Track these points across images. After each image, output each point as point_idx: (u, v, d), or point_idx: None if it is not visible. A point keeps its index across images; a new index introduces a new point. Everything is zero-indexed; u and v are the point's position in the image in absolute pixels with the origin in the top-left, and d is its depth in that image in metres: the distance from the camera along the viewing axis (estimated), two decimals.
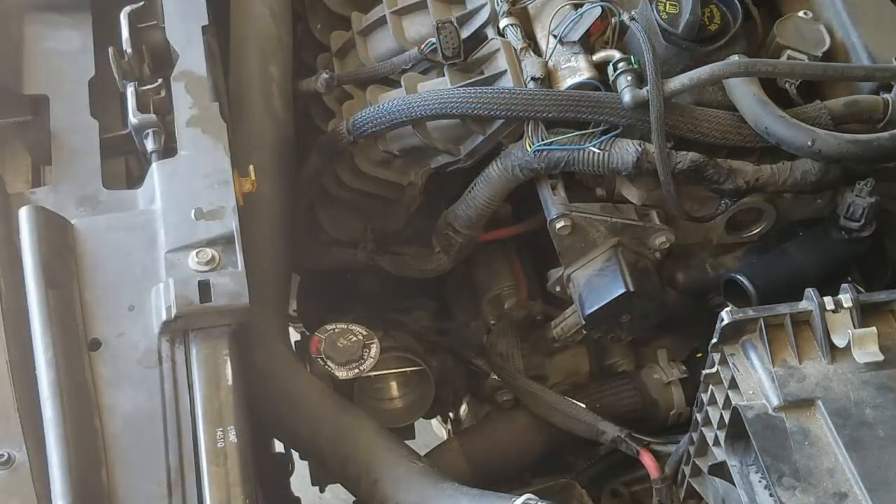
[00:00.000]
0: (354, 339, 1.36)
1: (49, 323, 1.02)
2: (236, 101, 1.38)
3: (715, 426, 1.05)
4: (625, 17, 1.20)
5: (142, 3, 1.31)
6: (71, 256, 1.09)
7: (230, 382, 1.04)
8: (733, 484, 1.04)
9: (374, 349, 1.36)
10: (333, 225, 1.47)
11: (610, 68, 1.18)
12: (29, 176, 1.29)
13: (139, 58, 1.28)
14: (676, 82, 1.14)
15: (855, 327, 0.98)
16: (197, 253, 1.07)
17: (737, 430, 1.00)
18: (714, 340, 1.01)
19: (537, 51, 1.25)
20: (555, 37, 1.23)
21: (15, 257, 1.08)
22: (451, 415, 1.62)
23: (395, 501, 1.17)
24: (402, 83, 1.30)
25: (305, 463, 1.42)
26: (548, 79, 1.22)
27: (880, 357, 0.97)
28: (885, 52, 1.21)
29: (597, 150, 1.17)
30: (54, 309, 1.03)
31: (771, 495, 0.92)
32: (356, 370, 1.35)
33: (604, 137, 1.18)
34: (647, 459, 1.24)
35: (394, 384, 1.48)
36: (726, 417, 1.01)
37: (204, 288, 1.04)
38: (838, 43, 1.24)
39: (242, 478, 0.99)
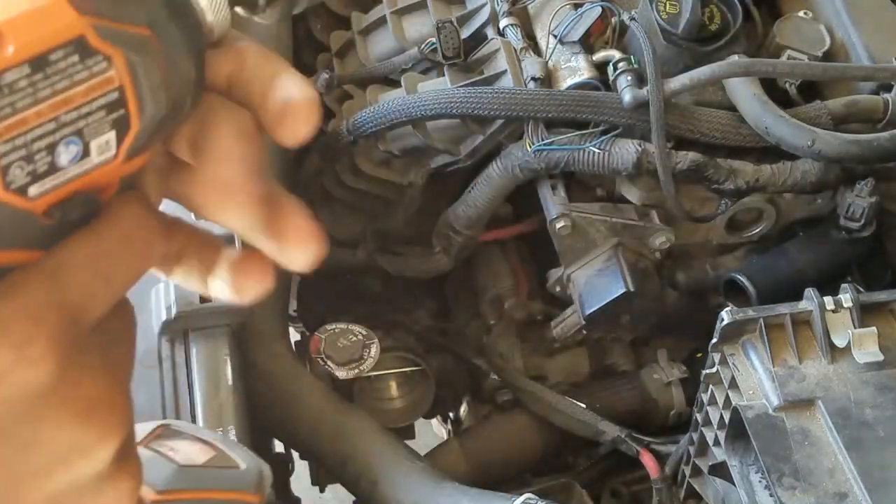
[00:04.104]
0: (354, 339, 1.36)
1: None
2: None
3: (715, 426, 1.05)
4: (625, 17, 1.20)
5: None
6: None
7: (230, 382, 1.05)
8: (733, 484, 1.04)
9: (374, 349, 1.36)
10: (333, 225, 1.47)
11: (610, 68, 1.18)
12: None
13: None
14: (676, 82, 1.14)
15: (855, 327, 0.98)
16: None
17: (737, 430, 1.00)
18: (714, 340, 1.01)
19: (537, 51, 1.25)
20: (555, 37, 1.23)
21: None
22: (451, 415, 1.62)
23: (395, 501, 1.17)
24: (402, 83, 1.30)
25: (305, 463, 1.42)
26: (548, 79, 1.22)
27: (880, 357, 0.97)
28: (885, 52, 1.21)
29: (597, 150, 1.17)
30: None
31: (771, 495, 0.92)
32: (356, 370, 1.35)
33: (604, 137, 1.18)
34: (647, 459, 1.24)
35: (394, 384, 1.48)
36: (726, 417, 1.01)
37: None
38: (838, 43, 1.24)
39: None
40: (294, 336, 1.52)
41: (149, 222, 0.40)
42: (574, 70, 1.21)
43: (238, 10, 0.41)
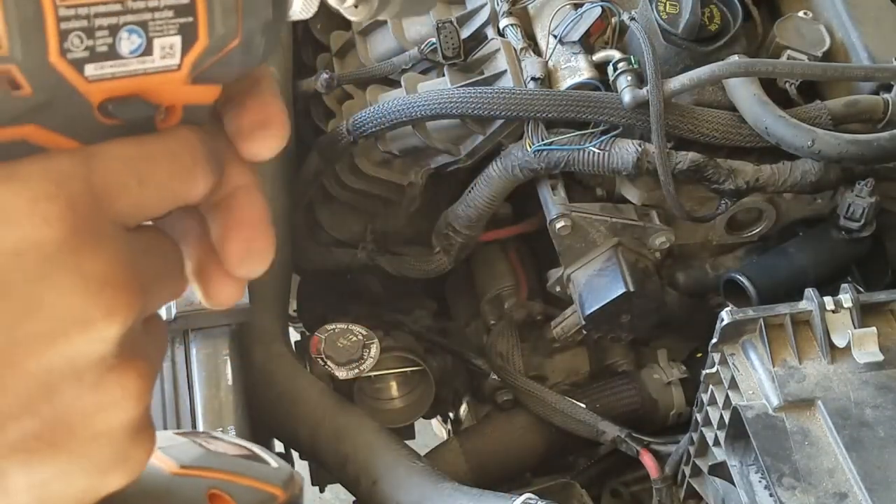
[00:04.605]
0: (354, 339, 1.36)
1: None
2: None
3: (715, 426, 1.05)
4: (625, 17, 1.20)
5: None
6: None
7: (230, 382, 1.05)
8: (733, 484, 1.04)
9: (374, 349, 1.36)
10: (333, 225, 1.47)
11: (610, 68, 1.18)
12: None
13: None
14: (676, 82, 1.14)
15: (855, 327, 0.98)
16: None
17: (737, 430, 1.00)
18: (714, 340, 1.01)
19: (537, 51, 1.25)
20: (555, 37, 1.23)
21: None
22: (451, 415, 1.62)
23: (394, 501, 1.17)
24: (402, 83, 1.30)
25: (305, 463, 1.42)
26: (548, 79, 1.22)
27: (880, 357, 0.97)
28: (885, 52, 1.21)
29: (597, 150, 1.17)
30: None
31: (771, 495, 0.92)
32: (356, 370, 1.35)
33: (604, 137, 1.18)
34: (647, 459, 1.24)
35: (394, 384, 1.48)
36: (726, 417, 1.01)
37: None
38: (838, 43, 1.24)
39: None
40: (294, 336, 1.52)
41: (200, 152, 0.39)
42: (574, 70, 1.21)
43: (330, 1, 0.42)
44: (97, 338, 0.36)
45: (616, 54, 1.19)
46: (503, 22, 1.27)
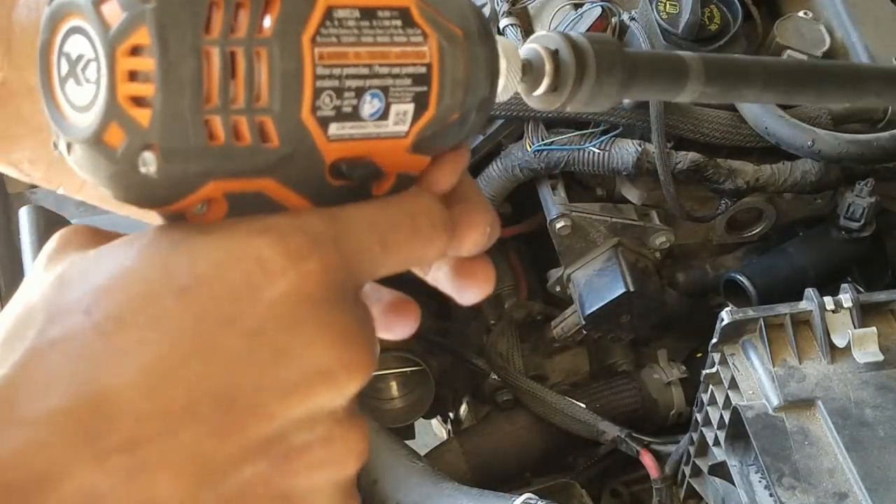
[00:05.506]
0: None
1: None
2: None
3: (715, 426, 1.05)
4: (625, 17, 1.20)
5: None
6: None
7: None
8: (733, 484, 1.04)
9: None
10: None
11: None
12: None
13: None
14: None
15: (855, 327, 0.98)
16: None
17: (737, 430, 1.00)
18: (714, 340, 1.01)
19: None
20: None
21: (15, 257, 1.08)
22: (451, 415, 1.62)
23: (394, 501, 1.17)
24: None
25: None
26: None
27: (880, 357, 0.97)
28: (885, 52, 1.21)
29: (597, 150, 1.17)
30: None
31: (771, 495, 0.92)
32: None
33: (604, 137, 1.18)
34: (647, 459, 1.24)
35: (394, 384, 1.48)
36: (726, 417, 1.01)
37: None
38: (838, 43, 1.24)
39: None
40: None
41: (438, 215, 0.41)
42: None
43: (520, 86, 0.44)
44: (337, 392, 0.37)
45: None
46: (503, 22, 1.27)
